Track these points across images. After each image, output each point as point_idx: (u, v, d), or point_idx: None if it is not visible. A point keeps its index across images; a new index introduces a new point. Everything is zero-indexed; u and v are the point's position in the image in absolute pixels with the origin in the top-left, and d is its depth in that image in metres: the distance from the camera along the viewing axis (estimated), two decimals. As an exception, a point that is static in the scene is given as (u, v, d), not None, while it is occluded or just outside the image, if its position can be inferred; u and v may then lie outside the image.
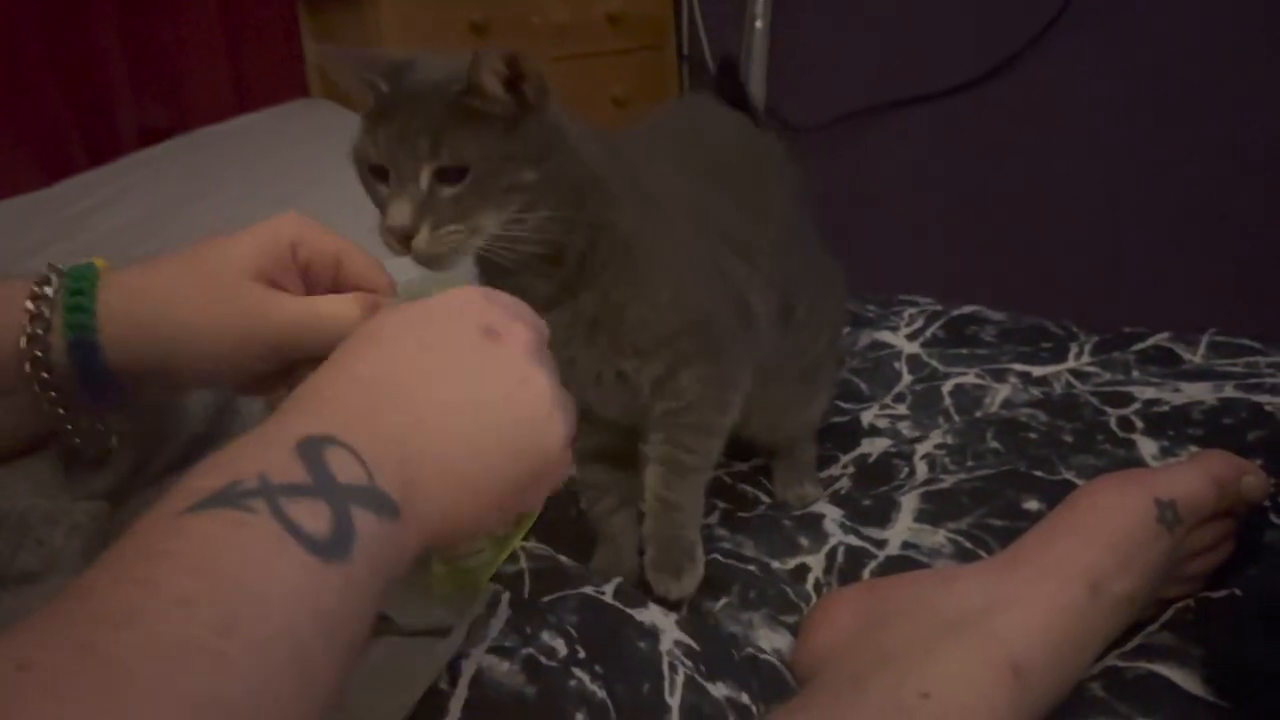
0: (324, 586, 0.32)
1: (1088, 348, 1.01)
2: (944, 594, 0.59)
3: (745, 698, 0.57)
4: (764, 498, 0.83)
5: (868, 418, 0.93)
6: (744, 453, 0.88)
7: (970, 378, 0.96)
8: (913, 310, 1.17)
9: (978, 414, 0.89)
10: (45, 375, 0.50)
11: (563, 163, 0.60)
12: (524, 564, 0.61)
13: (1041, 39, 1.84)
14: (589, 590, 0.60)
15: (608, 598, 0.59)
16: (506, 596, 0.54)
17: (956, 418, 0.90)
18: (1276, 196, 1.68)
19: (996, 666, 0.54)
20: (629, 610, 0.59)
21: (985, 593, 0.58)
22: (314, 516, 0.33)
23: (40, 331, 0.50)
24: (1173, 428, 0.77)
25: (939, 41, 1.97)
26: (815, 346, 0.82)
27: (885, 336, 1.11)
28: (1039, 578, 0.59)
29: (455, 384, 0.42)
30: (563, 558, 0.65)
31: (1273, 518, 0.68)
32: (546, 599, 0.58)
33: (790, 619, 0.67)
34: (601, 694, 0.52)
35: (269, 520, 0.32)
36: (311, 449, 0.35)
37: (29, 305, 0.50)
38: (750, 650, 0.62)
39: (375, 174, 0.59)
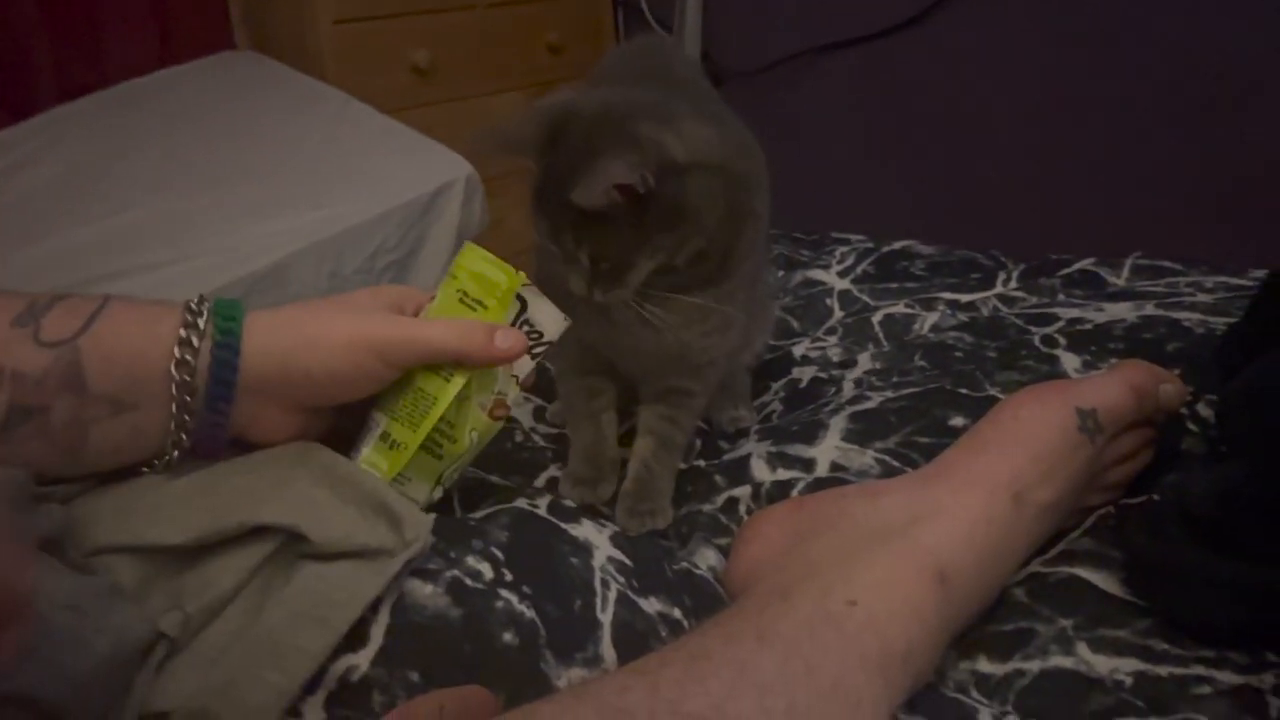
0: None
1: (1015, 275, 1.02)
2: (870, 507, 0.60)
3: (678, 613, 0.58)
4: (701, 424, 0.84)
5: (799, 351, 0.94)
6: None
7: (900, 308, 0.96)
8: (844, 249, 1.18)
9: (906, 338, 0.90)
10: (188, 379, 0.55)
11: (699, 202, 0.65)
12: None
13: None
14: (522, 504, 0.59)
15: (541, 512, 0.59)
16: (432, 517, 0.53)
17: (885, 343, 0.90)
18: (1194, 126, 1.72)
19: (922, 574, 0.55)
20: (563, 525, 0.59)
21: (911, 504, 0.59)
22: None
23: (191, 337, 0.55)
24: (1094, 343, 0.79)
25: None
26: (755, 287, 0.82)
27: (817, 274, 1.12)
28: (963, 488, 0.60)
29: None
30: (494, 478, 0.65)
31: (1190, 425, 0.69)
32: (479, 514, 0.58)
33: (723, 541, 0.67)
34: (530, 613, 0.52)
35: None
36: None
37: (186, 314, 0.56)
38: (685, 565, 0.62)
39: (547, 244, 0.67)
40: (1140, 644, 0.55)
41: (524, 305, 0.62)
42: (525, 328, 0.63)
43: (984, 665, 0.56)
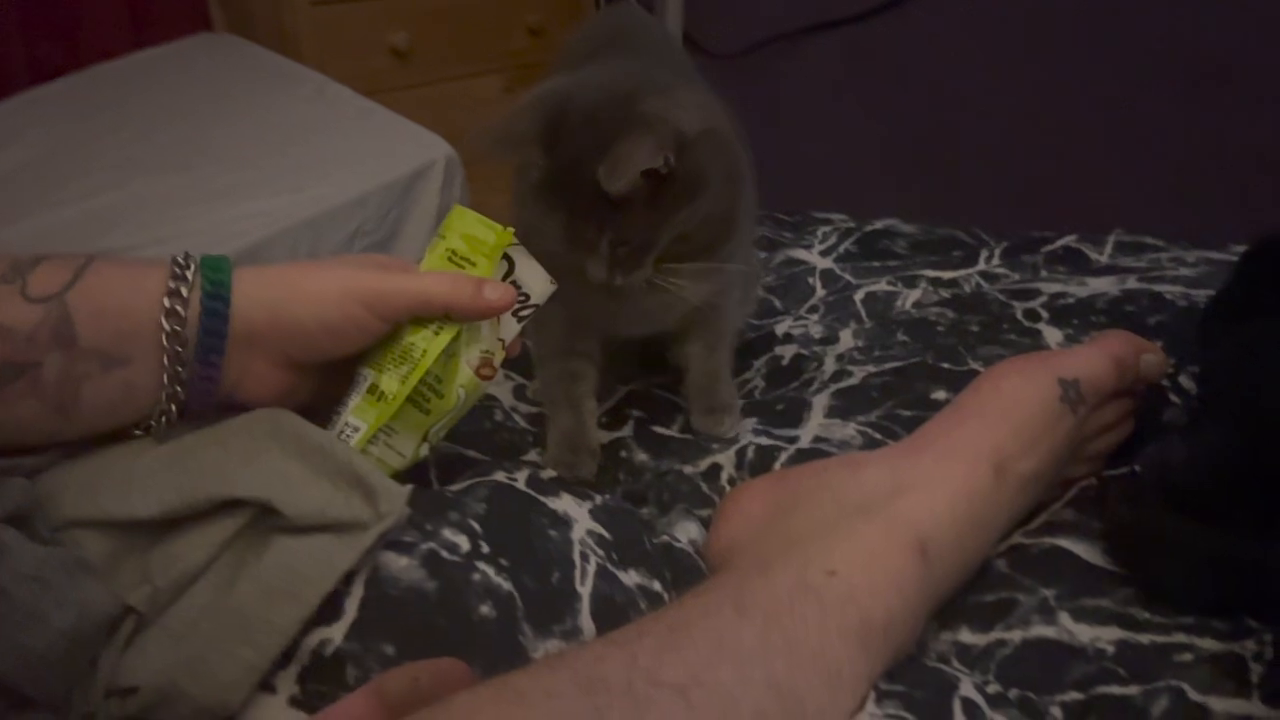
0: None
1: (998, 252, 1.02)
2: (852, 479, 0.59)
3: (658, 585, 0.57)
4: (681, 403, 0.83)
5: (781, 329, 0.93)
6: (662, 365, 0.87)
7: (882, 285, 0.96)
8: (826, 229, 1.17)
9: (888, 315, 0.90)
10: (178, 329, 0.54)
11: (709, 171, 0.67)
12: (426, 454, 0.61)
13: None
14: (500, 477, 0.59)
15: (520, 485, 0.59)
16: (408, 489, 0.53)
17: (867, 320, 0.90)
18: (1178, 105, 1.72)
19: (903, 546, 0.54)
20: (541, 498, 0.58)
21: (892, 476, 0.58)
22: None
23: (180, 289, 0.54)
24: (1077, 317, 0.78)
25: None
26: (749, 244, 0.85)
27: (799, 254, 1.11)
28: (945, 460, 0.59)
29: None
30: (473, 453, 0.64)
31: (1172, 396, 0.69)
32: (455, 487, 0.57)
33: (704, 513, 0.66)
34: (508, 586, 0.52)
35: None
36: None
37: (174, 267, 0.55)
38: (665, 539, 0.62)
39: (556, 236, 0.67)
40: (1122, 612, 0.54)
41: (512, 265, 0.62)
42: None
43: (966, 636, 0.56)
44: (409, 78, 1.98)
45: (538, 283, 0.63)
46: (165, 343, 0.54)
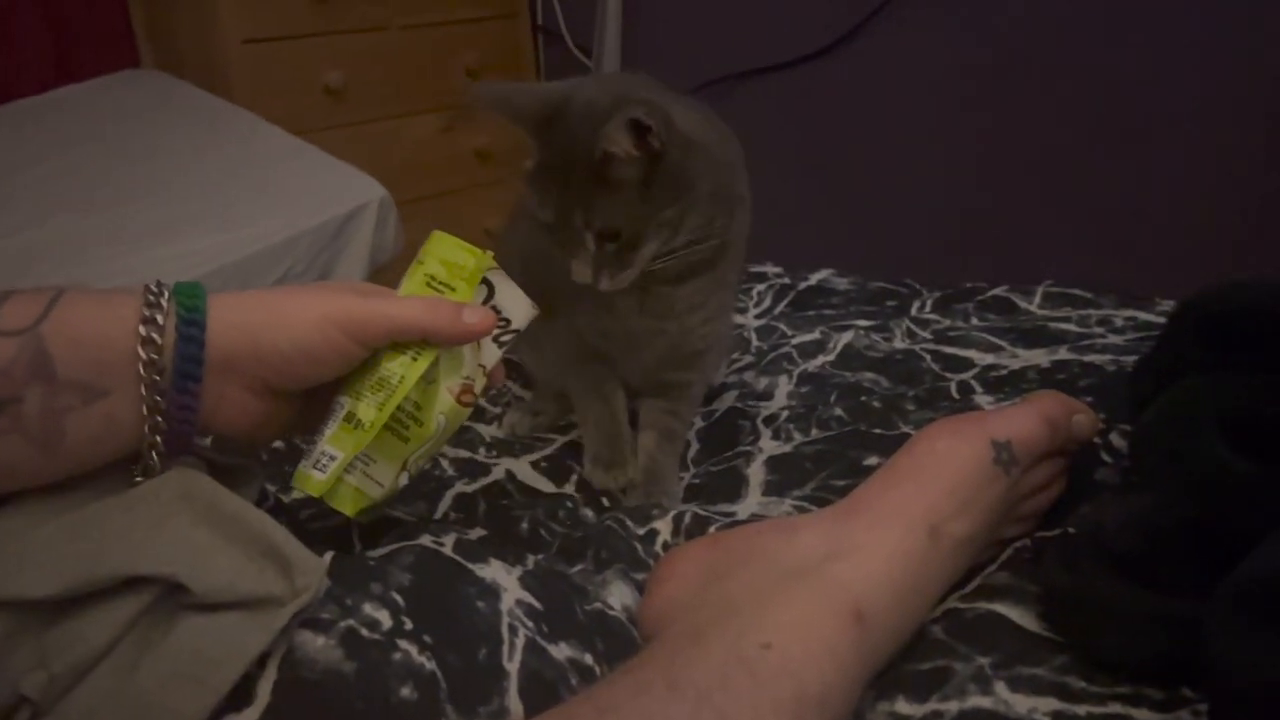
0: None
1: (930, 302, 1.02)
2: (786, 544, 0.58)
3: (589, 658, 0.55)
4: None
5: (716, 378, 0.93)
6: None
7: (815, 334, 0.96)
8: (761, 287, 1.17)
9: (823, 359, 0.90)
10: (154, 357, 0.52)
11: (697, 177, 0.69)
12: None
13: (886, 8, 1.87)
14: (427, 541, 0.57)
15: (447, 550, 0.57)
16: (326, 560, 0.50)
17: (800, 363, 0.90)
18: (1105, 153, 1.75)
19: (838, 612, 0.53)
20: (469, 565, 0.56)
21: (826, 541, 0.58)
22: None
23: (155, 316, 0.53)
24: (1009, 385, 0.79)
25: (787, 12, 1.99)
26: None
27: (734, 318, 1.11)
28: (879, 523, 0.59)
29: None
30: (398, 513, 0.62)
31: (1104, 456, 0.69)
32: (378, 552, 0.55)
33: (639, 576, 0.65)
34: (430, 665, 0.49)
35: None
36: None
37: (147, 295, 0.53)
38: (598, 606, 0.60)
39: (547, 228, 0.70)
40: (1058, 681, 0.54)
41: (491, 290, 0.61)
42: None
43: (902, 706, 0.55)
44: (343, 117, 1.95)
45: (518, 307, 0.62)
46: (142, 371, 0.52)
